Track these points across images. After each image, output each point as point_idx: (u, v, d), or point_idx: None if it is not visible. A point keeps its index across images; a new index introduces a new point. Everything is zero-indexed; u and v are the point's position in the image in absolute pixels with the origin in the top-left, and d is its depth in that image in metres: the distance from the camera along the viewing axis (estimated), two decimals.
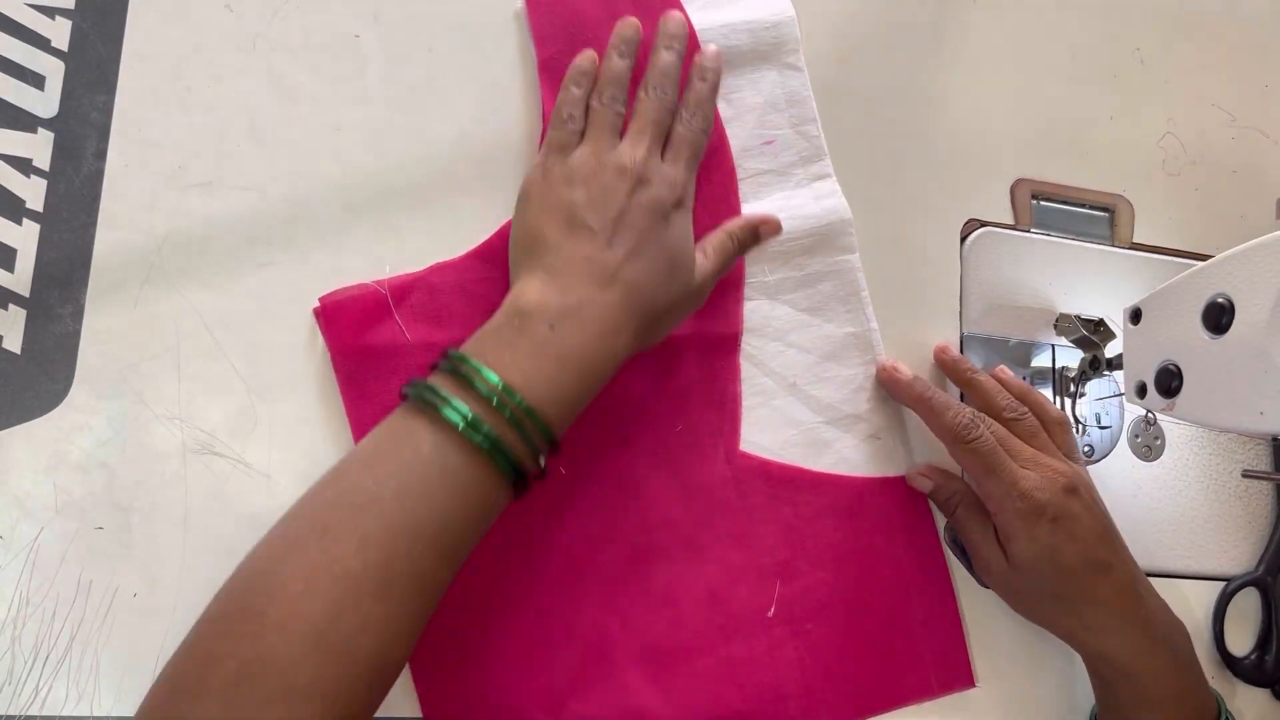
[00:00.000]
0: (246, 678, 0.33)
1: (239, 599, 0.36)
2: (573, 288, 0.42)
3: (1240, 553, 0.56)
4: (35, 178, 0.45)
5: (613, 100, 0.47)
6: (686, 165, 0.47)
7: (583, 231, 0.43)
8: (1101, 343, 0.53)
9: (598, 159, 0.45)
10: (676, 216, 0.45)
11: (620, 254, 0.43)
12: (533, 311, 0.41)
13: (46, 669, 0.41)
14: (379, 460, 0.38)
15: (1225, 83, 0.62)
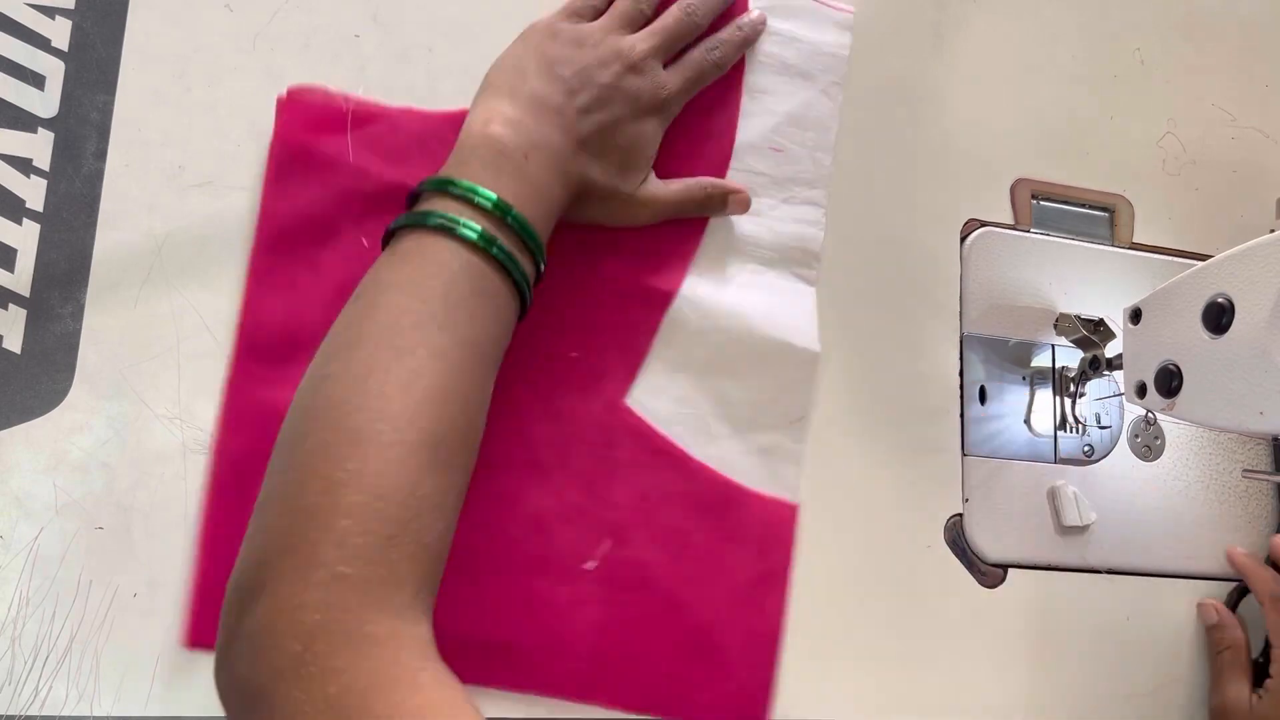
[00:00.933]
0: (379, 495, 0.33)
1: (335, 426, 0.35)
2: (539, 126, 0.43)
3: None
4: (35, 178, 0.45)
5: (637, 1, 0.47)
6: (684, 80, 0.48)
7: (562, 84, 0.44)
8: (1101, 343, 0.53)
9: (604, 34, 0.46)
10: (649, 119, 0.46)
11: (586, 121, 0.44)
12: (507, 141, 0.42)
13: (46, 669, 0.41)
14: (417, 284, 0.38)
15: (1225, 83, 0.62)
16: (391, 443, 0.34)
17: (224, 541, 0.43)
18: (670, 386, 0.49)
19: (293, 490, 0.34)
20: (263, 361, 0.45)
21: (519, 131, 0.42)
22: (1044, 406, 0.55)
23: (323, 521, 0.33)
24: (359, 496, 0.33)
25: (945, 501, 0.53)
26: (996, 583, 0.53)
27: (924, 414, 0.53)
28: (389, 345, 0.36)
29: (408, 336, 0.37)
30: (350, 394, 0.35)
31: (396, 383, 0.35)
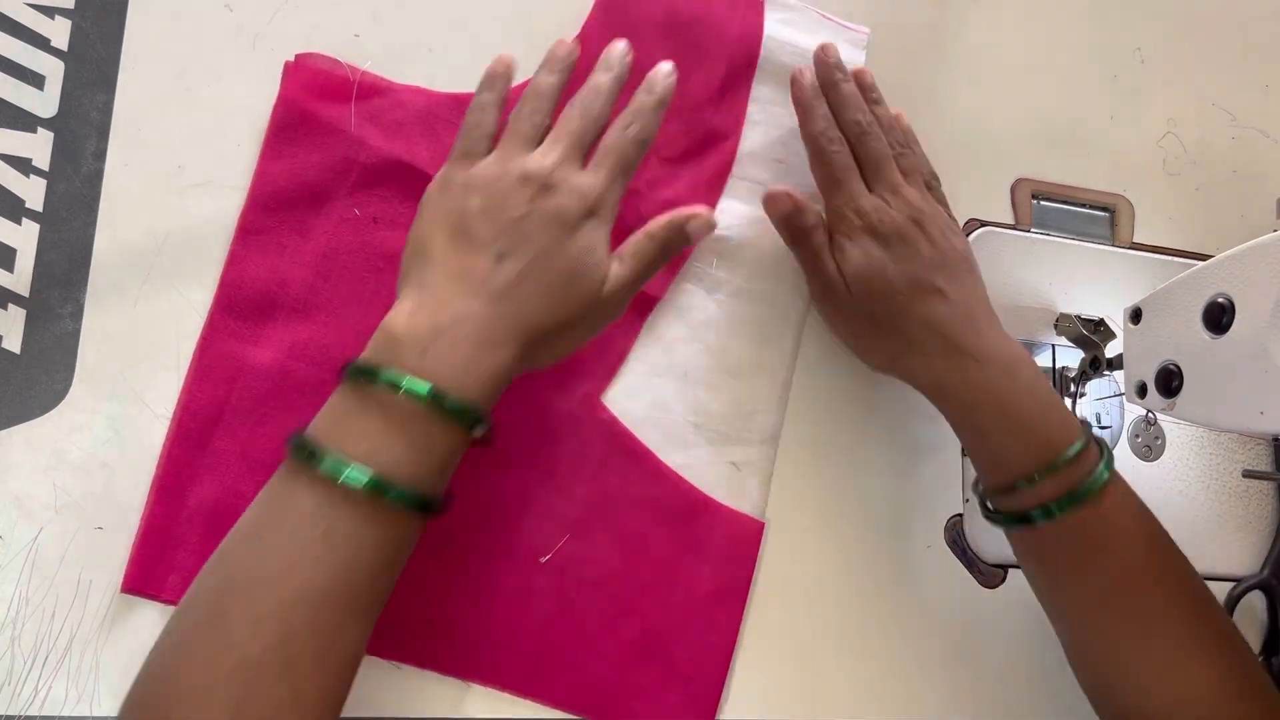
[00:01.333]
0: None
1: (141, 704, 0.34)
2: (448, 303, 0.39)
3: (1241, 553, 0.56)
4: (35, 178, 0.45)
5: (533, 113, 0.43)
6: (609, 173, 0.42)
7: (469, 242, 0.40)
8: (1101, 343, 0.53)
9: (502, 166, 0.42)
10: (586, 227, 0.41)
11: (508, 266, 0.40)
12: (402, 337, 0.38)
13: (46, 669, 0.41)
14: (261, 533, 0.36)
15: (1225, 83, 0.62)
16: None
17: (175, 491, 0.43)
18: (647, 390, 0.49)
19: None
20: (238, 317, 0.45)
21: (415, 325, 0.38)
22: None
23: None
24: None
25: (945, 501, 0.53)
26: (996, 583, 0.53)
27: (924, 414, 0.53)
28: (210, 613, 0.35)
29: (233, 602, 0.34)
30: (159, 666, 0.35)
31: (205, 658, 0.34)
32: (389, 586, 0.38)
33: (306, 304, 0.46)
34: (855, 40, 0.54)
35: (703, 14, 0.52)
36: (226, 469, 0.44)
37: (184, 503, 0.43)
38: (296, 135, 0.46)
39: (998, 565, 0.53)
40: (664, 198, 0.50)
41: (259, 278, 0.45)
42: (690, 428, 0.50)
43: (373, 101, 0.47)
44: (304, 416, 0.43)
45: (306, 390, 0.45)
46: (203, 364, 0.44)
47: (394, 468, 0.36)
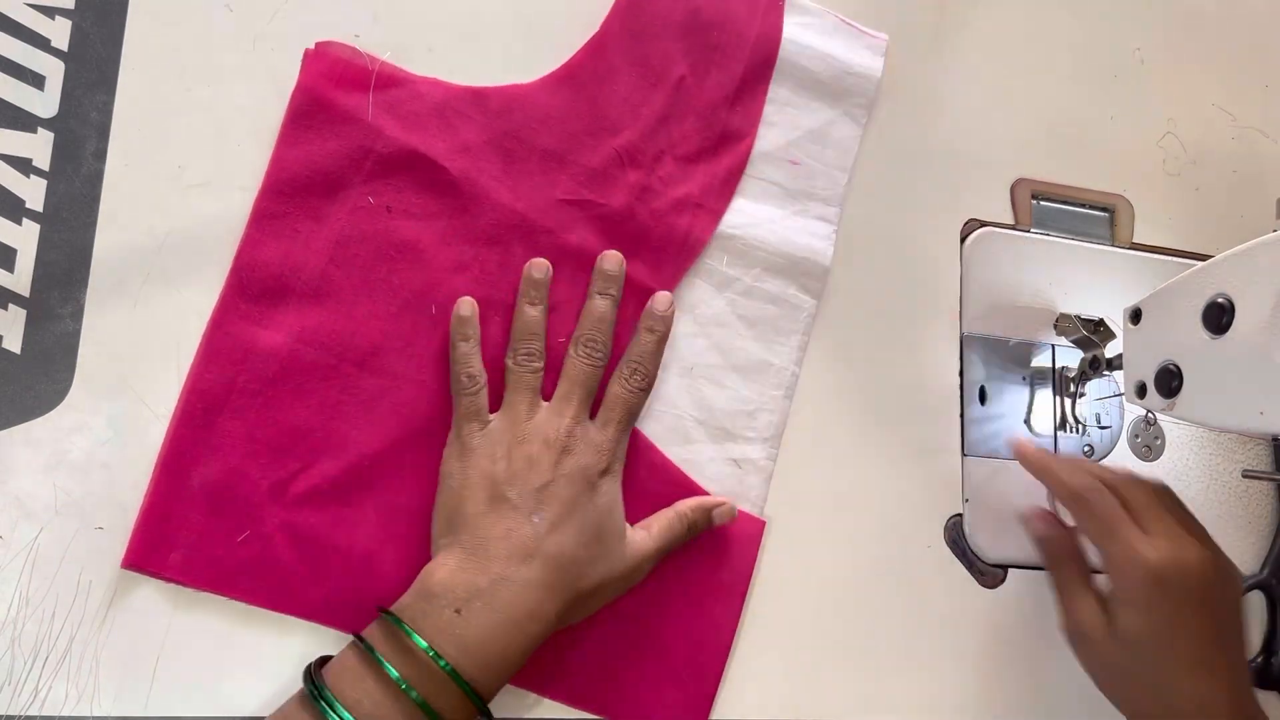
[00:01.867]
0: None
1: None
2: (488, 565, 0.41)
3: (1241, 553, 0.56)
4: (35, 178, 0.45)
5: (529, 357, 0.45)
6: (618, 427, 0.45)
7: (503, 505, 0.42)
8: (1101, 343, 0.53)
9: (518, 428, 0.44)
10: (604, 484, 0.44)
11: (543, 527, 0.42)
12: (439, 593, 0.40)
13: (46, 669, 0.41)
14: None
15: (1225, 83, 0.62)
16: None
17: (179, 470, 0.43)
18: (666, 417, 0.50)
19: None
20: (249, 299, 0.45)
21: (453, 583, 0.40)
22: (1044, 406, 0.55)
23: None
24: None
25: (945, 501, 0.53)
26: (996, 583, 0.53)
27: (924, 414, 0.53)
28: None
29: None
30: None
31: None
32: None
33: (318, 290, 0.46)
34: (874, 47, 0.55)
35: (722, 15, 0.52)
36: (231, 450, 0.44)
37: (187, 482, 0.43)
38: (314, 123, 0.46)
39: (998, 565, 0.53)
40: (677, 195, 0.50)
41: (272, 262, 0.45)
42: (693, 423, 0.50)
43: (390, 92, 0.48)
44: (311, 400, 0.44)
45: (315, 374, 0.45)
46: (212, 345, 0.44)
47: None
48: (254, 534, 0.43)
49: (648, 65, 0.51)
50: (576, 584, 0.42)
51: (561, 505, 0.42)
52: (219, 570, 0.43)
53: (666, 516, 0.47)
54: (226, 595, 0.43)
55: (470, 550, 0.41)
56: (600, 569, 0.43)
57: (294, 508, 0.44)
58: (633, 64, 0.51)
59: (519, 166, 0.49)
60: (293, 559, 0.44)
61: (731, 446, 0.50)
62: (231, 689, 0.43)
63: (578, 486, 0.43)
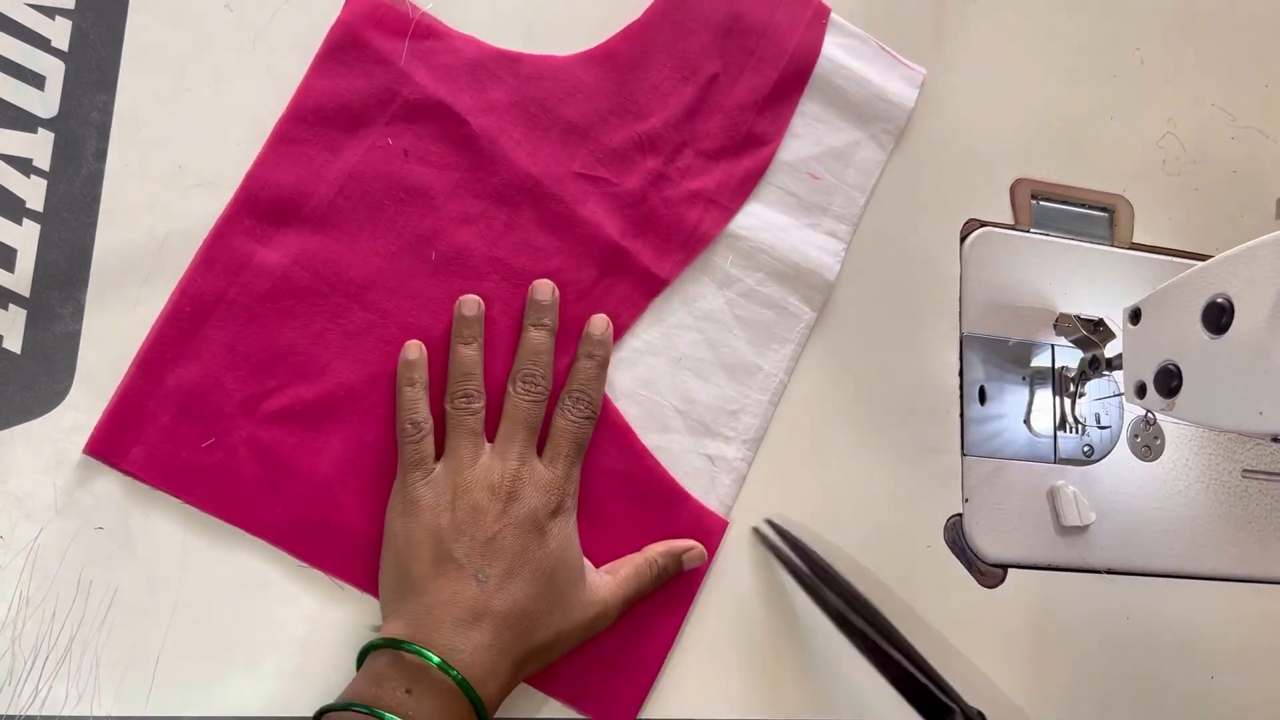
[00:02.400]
0: None
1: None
2: (435, 636, 0.39)
3: (1241, 553, 0.56)
4: (35, 178, 0.45)
5: (468, 400, 0.44)
6: (566, 462, 0.44)
7: (448, 565, 0.41)
8: (1101, 343, 0.53)
9: (461, 476, 0.42)
10: (555, 526, 0.43)
11: (491, 584, 0.40)
12: (387, 674, 0.38)
13: (46, 669, 0.41)
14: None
15: (1225, 83, 0.62)
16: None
17: (156, 367, 0.43)
18: (639, 365, 0.49)
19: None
20: (254, 216, 0.46)
21: (399, 665, 0.38)
22: (1044, 406, 0.55)
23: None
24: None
25: (945, 501, 0.53)
26: (996, 583, 0.53)
27: (924, 414, 0.53)
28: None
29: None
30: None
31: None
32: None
33: (324, 218, 0.46)
34: (910, 79, 0.55)
35: (765, 22, 0.53)
36: (211, 357, 0.44)
37: (162, 381, 0.43)
38: (347, 58, 0.47)
39: (998, 565, 0.53)
40: (692, 187, 0.51)
41: (283, 184, 0.46)
42: (673, 412, 0.50)
43: (427, 42, 0.48)
44: (297, 323, 0.45)
45: (306, 299, 0.45)
46: (210, 252, 0.45)
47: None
48: (219, 443, 0.44)
49: (683, 58, 0.51)
50: (529, 640, 0.41)
51: (509, 558, 0.41)
52: (178, 472, 0.43)
53: (635, 562, 0.46)
54: (181, 498, 0.43)
55: (416, 620, 0.40)
56: (556, 620, 0.42)
57: (262, 424, 0.44)
58: (669, 54, 0.51)
59: (540, 134, 0.49)
60: (252, 474, 0.44)
61: (708, 442, 0.50)
62: (231, 689, 0.43)
63: (526, 534, 0.42)
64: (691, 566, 0.47)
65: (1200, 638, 0.55)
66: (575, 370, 0.47)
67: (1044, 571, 0.53)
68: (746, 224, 0.51)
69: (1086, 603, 0.53)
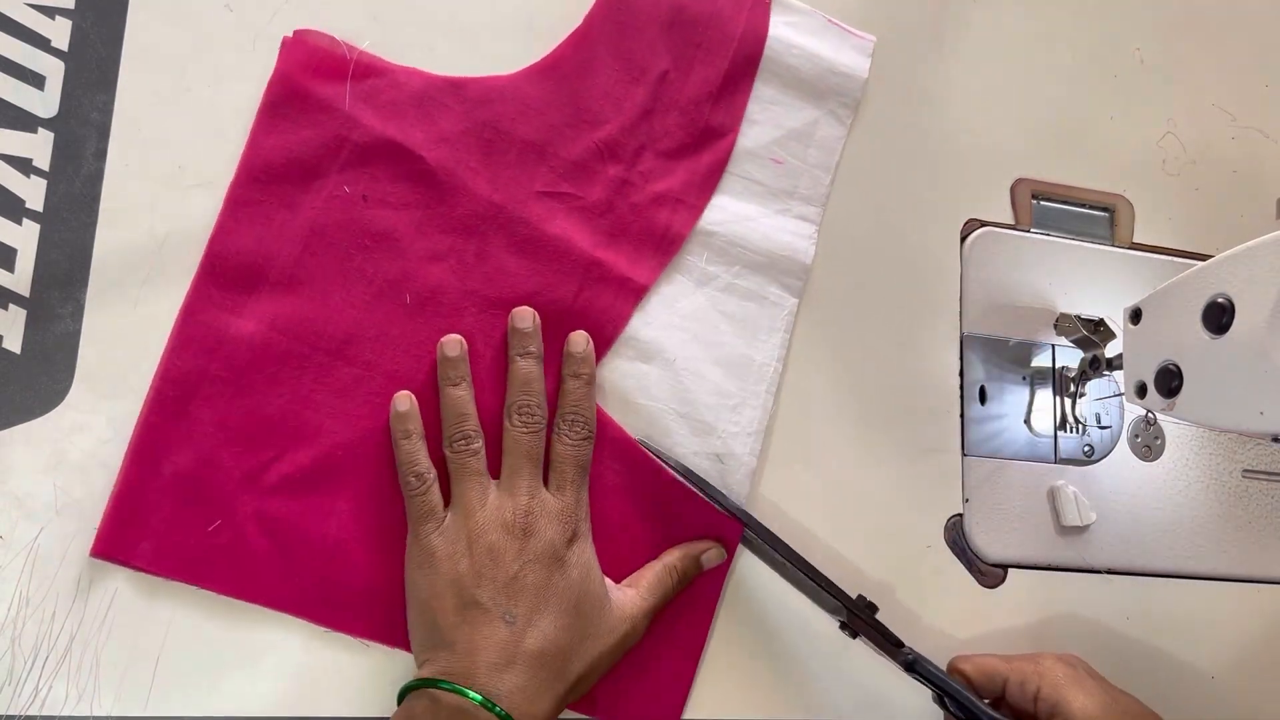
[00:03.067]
0: None
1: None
2: (473, 681, 0.39)
3: (1241, 553, 0.56)
4: (35, 178, 0.45)
5: (466, 442, 0.44)
6: (574, 487, 0.44)
7: (474, 611, 0.40)
8: (1101, 343, 0.53)
9: (474, 520, 0.42)
10: (573, 554, 0.43)
11: (520, 624, 0.40)
12: (422, 716, 0.38)
13: (46, 669, 0.41)
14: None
15: (1225, 83, 0.62)
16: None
17: (150, 459, 0.43)
18: (631, 375, 0.49)
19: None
20: (221, 287, 0.45)
21: (437, 715, 0.38)
22: (1044, 406, 0.55)
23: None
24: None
25: (945, 501, 0.53)
26: (996, 583, 0.53)
27: (924, 414, 0.53)
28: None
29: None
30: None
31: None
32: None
33: (292, 278, 0.45)
34: (861, 47, 0.55)
35: (708, 11, 0.52)
36: (204, 438, 0.43)
37: (159, 469, 0.43)
38: (291, 110, 0.46)
39: (998, 565, 0.53)
40: (657, 190, 0.50)
41: (245, 249, 0.45)
42: (674, 416, 0.49)
43: (369, 81, 0.47)
44: (284, 389, 0.44)
45: (288, 363, 0.45)
46: (184, 332, 0.44)
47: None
48: (226, 523, 0.43)
49: (630, 59, 0.51)
50: (566, 673, 0.41)
51: (534, 595, 0.41)
52: (190, 559, 0.43)
53: (655, 570, 0.46)
54: (197, 586, 0.43)
55: (450, 669, 0.40)
56: (588, 647, 0.42)
57: (266, 496, 0.44)
58: (615, 57, 0.51)
59: (498, 157, 0.49)
60: (264, 549, 0.43)
61: (714, 441, 0.50)
62: (231, 689, 0.43)
63: (547, 568, 0.42)
64: (711, 566, 0.47)
65: (1200, 638, 0.55)
66: (564, 392, 0.46)
67: (1044, 571, 0.53)
68: (716, 219, 0.51)
69: (1086, 603, 0.53)
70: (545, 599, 0.41)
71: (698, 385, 0.50)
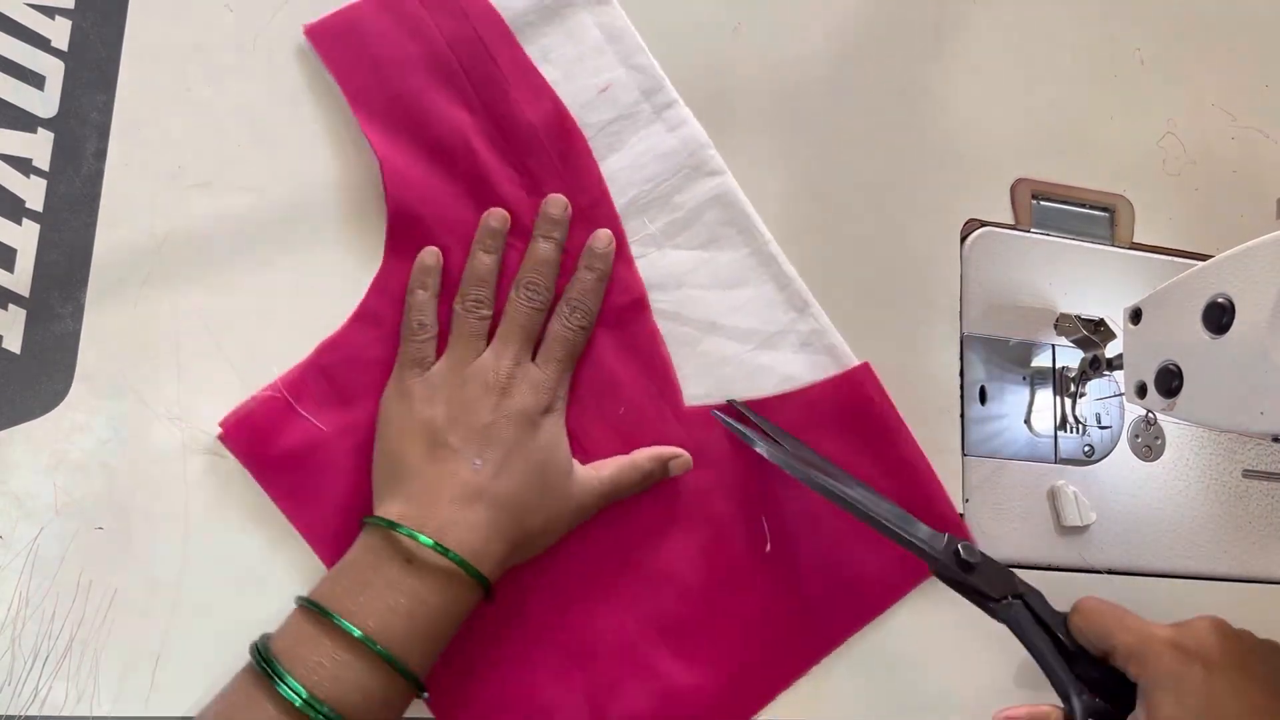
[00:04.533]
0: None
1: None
2: (434, 511, 0.40)
3: (1241, 553, 0.56)
4: (35, 178, 0.45)
5: (477, 304, 0.45)
6: (558, 366, 0.45)
7: (444, 450, 0.42)
8: (1101, 343, 0.53)
9: (458, 372, 0.44)
10: (547, 422, 0.44)
11: (487, 470, 0.42)
12: (382, 547, 0.40)
13: (46, 669, 0.41)
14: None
15: (1225, 83, 0.62)
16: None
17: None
18: (703, 361, 0.50)
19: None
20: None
21: (405, 518, 0.40)
22: (1044, 406, 0.55)
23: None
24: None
25: None
26: None
27: (924, 414, 0.53)
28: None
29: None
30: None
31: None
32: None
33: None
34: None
35: (436, 35, 0.49)
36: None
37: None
38: (295, 480, 0.45)
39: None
40: (582, 204, 0.50)
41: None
42: (756, 353, 0.50)
43: (309, 391, 0.46)
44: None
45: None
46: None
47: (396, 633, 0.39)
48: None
49: (443, 146, 0.48)
50: (523, 524, 0.42)
51: (504, 447, 0.42)
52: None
53: (619, 462, 0.46)
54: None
55: (413, 497, 0.41)
56: (546, 508, 0.43)
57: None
58: (433, 157, 0.48)
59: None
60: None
61: (791, 338, 0.50)
62: None
63: (519, 427, 0.43)
64: (677, 473, 0.48)
65: None
66: (574, 280, 0.47)
67: (1044, 571, 0.53)
68: (622, 180, 0.50)
69: None
70: (514, 453, 0.42)
71: (742, 317, 0.50)
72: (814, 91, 0.54)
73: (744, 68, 0.54)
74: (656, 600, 0.47)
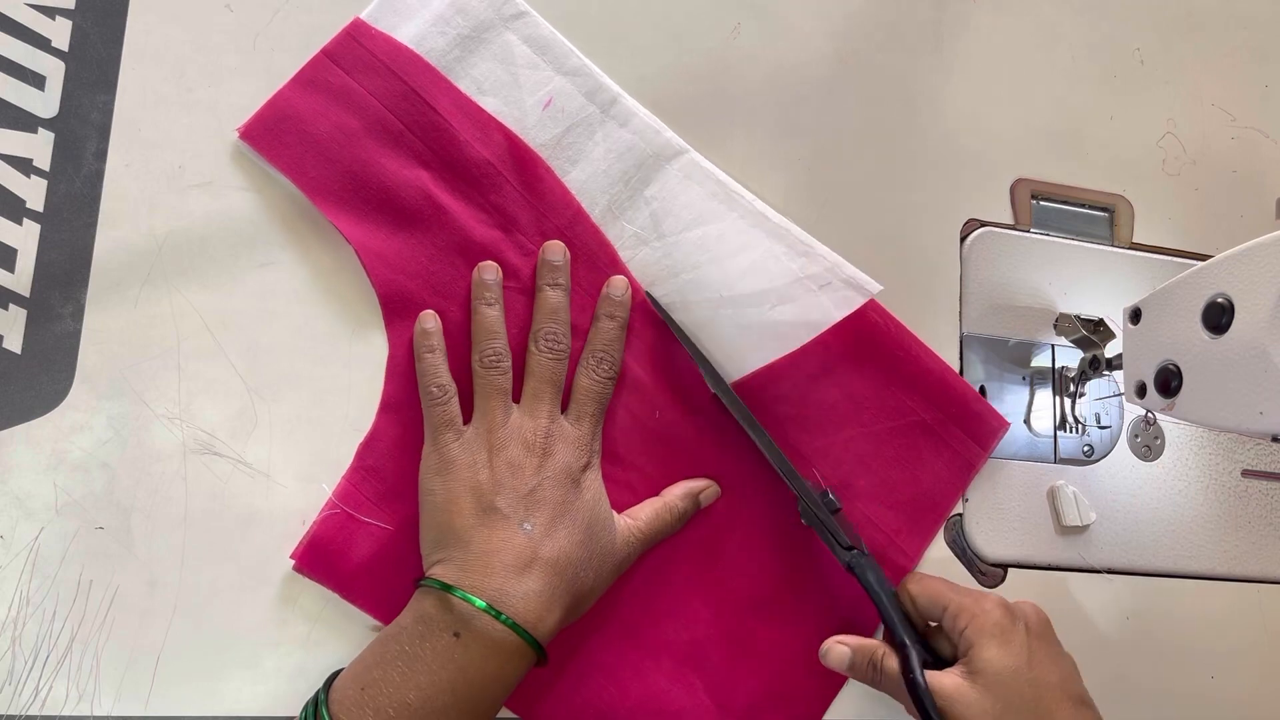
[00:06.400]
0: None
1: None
2: (487, 581, 0.40)
3: (1241, 553, 0.56)
4: (35, 178, 0.45)
5: (496, 359, 0.45)
6: (591, 421, 0.45)
7: (493, 516, 0.41)
8: (1101, 343, 0.53)
9: (495, 434, 0.43)
10: (587, 479, 0.44)
11: (537, 533, 0.41)
12: (435, 615, 0.39)
13: (46, 669, 0.41)
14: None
15: (1225, 83, 0.62)
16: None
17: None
18: (715, 336, 0.49)
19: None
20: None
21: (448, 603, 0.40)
22: (1044, 406, 0.55)
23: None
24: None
25: None
26: (996, 583, 0.53)
27: None
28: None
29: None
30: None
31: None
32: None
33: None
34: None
35: (369, 100, 0.48)
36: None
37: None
38: (382, 586, 0.45)
39: (998, 565, 0.53)
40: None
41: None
42: (778, 309, 0.49)
43: (363, 493, 0.46)
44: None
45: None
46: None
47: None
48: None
49: (409, 210, 0.48)
50: (575, 586, 0.42)
51: (551, 509, 0.42)
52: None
53: (655, 506, 0.47)
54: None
55: (465, 567, 0.40)
56: (596, 565, 0.43)
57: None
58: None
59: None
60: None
61: (805, 283, 0.49)
62: (231, 689, 0.43)
63: (563, 487, 0.43)
64: (709, 503, 0.48)
65: (1200, 638, 0.55)
66: (596, 331, 0.47)
67: (1044, 571, 0.53)
68: (589, 192, 0.50)
69: (1086, 603, 0.53)
70: (561, 514, 0.42)
71: (751, 280, 0.49)
72: (814, 91, 0.54)
73: (744, 68, 0.54)
74: (720, 594, 0.49)
